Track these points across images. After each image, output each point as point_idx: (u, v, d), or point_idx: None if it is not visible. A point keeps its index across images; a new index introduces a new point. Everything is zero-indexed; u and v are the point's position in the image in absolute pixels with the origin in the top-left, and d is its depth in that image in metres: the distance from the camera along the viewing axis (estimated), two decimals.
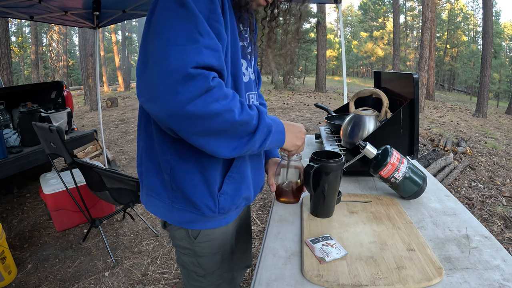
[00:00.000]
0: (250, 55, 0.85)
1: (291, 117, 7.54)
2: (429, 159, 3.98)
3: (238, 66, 0.76)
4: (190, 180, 0.76)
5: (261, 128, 0.67)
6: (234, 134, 0.64)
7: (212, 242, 0.87)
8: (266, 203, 3.03)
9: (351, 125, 1.22)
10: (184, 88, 0.55)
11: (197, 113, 0.57)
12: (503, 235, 2.53)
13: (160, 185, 0.80)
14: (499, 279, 0.64)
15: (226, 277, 0.96)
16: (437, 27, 20.30)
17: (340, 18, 3.05)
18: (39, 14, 3.22)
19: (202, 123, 0.59)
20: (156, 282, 1.95)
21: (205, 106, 0.57)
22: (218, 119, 0.60)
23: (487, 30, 10.24)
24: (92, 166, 2.10)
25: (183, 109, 0.56)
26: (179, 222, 0.83)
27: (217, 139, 0.63)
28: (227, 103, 0.60)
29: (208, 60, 0.58)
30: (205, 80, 0.57)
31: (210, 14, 0.62)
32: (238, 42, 0.74)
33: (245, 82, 0.81)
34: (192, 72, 0.56)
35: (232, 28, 0.72)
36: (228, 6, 0.71)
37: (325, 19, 14.75)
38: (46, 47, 20.95)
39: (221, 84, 0.61)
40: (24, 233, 2.52)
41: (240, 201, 0.84)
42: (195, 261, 0.89)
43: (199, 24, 0.59)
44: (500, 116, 11.57)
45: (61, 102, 3.49)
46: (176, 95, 0.56)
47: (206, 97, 0.57)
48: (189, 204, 0.78)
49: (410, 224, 0.83)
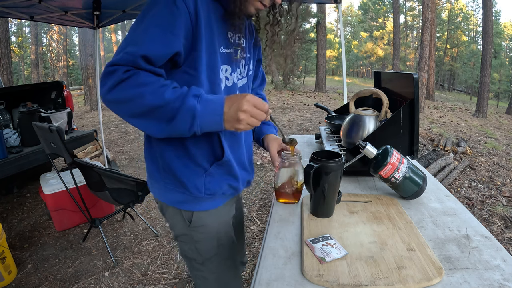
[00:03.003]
0: (243, 59, 0.91)
1: (291, 117, 7.54)
2: (429, 159, 3.98)
3: (216, 72, 0.82)
4: (179, 161, 0.86)
5: (183, 112, 0.70)
6: (154, 117, 0.72)
7: (206, 227, 0.95)
8: (266, 203, 3.03)
9: (351, 125, 1.22)
10: (105, 81, 0.71)
11: (115, 99, 0.71)
12: (503, 235, 2.53)
13: (156, 169, 0.91)
14: (499, 279, 0.64)
15: (226, 264, 1.02)
16: (437, 27, 20.30)
17: (340, 18, 3.05)
18: (39, 14, 3.22)
19: (122, 107, 0.72)
20: (156, 282, 1.95)
21: (119, 93, 0.70)
22: (132, 103, 0.70)
23: (487, 30, 10.23)
24: (92, 166, 2.10)
25: (106, 96, 0.71)
26: (171, 202, 0.92)
27: (142, 121, 0.73)
28: (141, 90, 0.69)
29: (120, 61, 0.71)
30: (117, 73, 0.69)
31: (167, 26, 0.72)
32: (216, 50, 0.81)
33: (227, 86, 0.87)
34: (110, 69, 0.70)
35: (210, 38, 0.79)
36: (205, 20, 0.77)
37: (325, 19, 14.75)
38: (46, 47, 20.94)
39: (137, 74, 0.70)
40: (24, 233, 2.52)
41: (226, 188, 0.92)
42: (193, 247, 0.97)
43: (137, 35, 0.72)
44: (500, 116, 11.57)
45: (61, 102, 3.49)
46: (102, 87, 0.71)
47: (120, 86, 0.69)
48: (179, 184, 0.88)
49: (410, 224, 0.83)
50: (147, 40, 0.71)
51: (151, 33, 0.72)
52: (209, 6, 0.78)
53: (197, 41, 0.77)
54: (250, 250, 2.27)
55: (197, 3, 0.74)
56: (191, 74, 0.79)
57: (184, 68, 0.79)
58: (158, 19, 0.72)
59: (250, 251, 2.26)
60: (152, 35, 0.71)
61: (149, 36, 0.71)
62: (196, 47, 0.77)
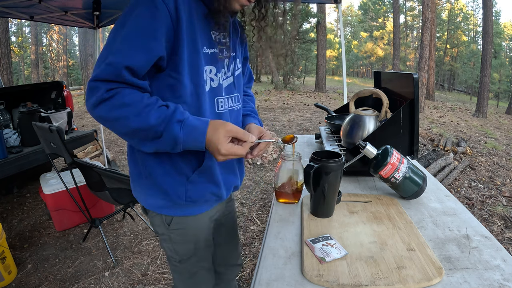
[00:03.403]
0: (227, 58, 0.88)
1: (291, 117, 7.54)
2: (429, 159, 3.98)
3: (199, 73, 0.79)
4: (161, 168, 0.84)
5: (166, 137, 0.72)
6: (138, 137, 0.73)
7: (184, 230, 0.94)
8: (266, 203, 3.03)
9: (351, 125, 1.22)
10: (88, 97, 0.70)
11: (100, 117, 0.70)
12: (503, 235, 2.53)
13: (137, 174, 0.90)
14: (499, 279, 0.64)
15: (203, 266, 1.02)
16: (437, 27, 20.29)
17: (340, 18, 3.05)
18: (39, 14, 3.22)
19: (107, 125, 0.72)
20: (156, 282, 1.95)
21: (102, 112, 0.69)
22: (116, 124, 0.71)
23: (487, 30, 10.24)
24: (92, 166, 2.10)
25: (90, 112, 0.71)
26: (152, 207, 0.91)
27: (127, 138, 0.76)
28: (125, 112, 0.69)
29: (102, 75, 0.69)
30: (99, 91, 0.68)
31: (149, 31, 0.70)
32: (199, 51, 0.78)
33: (213, 87, 0.84)
34: (92, 85, 0.69)
35: (192, 39, 0.77)
36: (186, 20, 0.74)
37: (325, 19, 14.76)
38: (46, 47, 20.94)
39: (120, 94, 0.69)
40: (24, 233, 2.52)
41: (209, 195, 0.90)
42: (171, 247, 0.97)
43: (118, 43, 0.70)
44: (500, 116, 11.57)
45: (61, 102, 3.49)
46: (87, 101, 0.71)
47: (103, 105, 0.69)
48: (161, 191, 0.87)
49: (410, 224, 0.83)
50: (129, 48, 0.69)
51: (132, 40, 0.69)
52: (191, 5, 0.76)
53: (179, 42, 0.74)
54: (250, 250, 2.27)
55: (177, 3, 0.72)
56: (174, 77, 0.77)
57: (168, 71, 0.77)
58: (139, 24, 0.70)
59: (250, 251, 2.26)
60: (134, 42, 0.69)
61: (130, 44, 0.69)
62: (177, 48, 0.75)
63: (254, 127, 0.94)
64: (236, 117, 0.95)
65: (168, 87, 0.77)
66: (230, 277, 1.25)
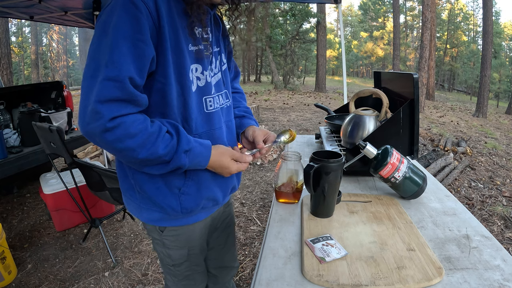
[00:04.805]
0: (211, 54, 0.85)
1: (291, 117, 7.54)
2: (429, 159, 3.98)
3: (185, 73, 0.77)
4: (152, 183, 0.82)
5: (173, 165, 0.75)
6: (143, 164, 0.74)
7: (178, 237, 0.93)
8: (266, 203, 3.03)
9: (351, 125, 1.22)
10: (89, 121, 0.65)
11: (104, 145, 0.67)
12: (503, 235, 2.53)
13: (129, 188, 0.88)
14: (499, 279, 0.64)
15: (196, 269, 1.02)
16: (437, 27, 20.29)
17: (340, 18, 3.05)
18: (39, 14, 3.22)
19: (112, 152, 0.71)
20: (156, 282, 1.95)
21: (109, 143, 0.67)
22: (122, 154, 0.71)
23: (487, 30, 10.24)
24: (92, 166, 2.10)
25: (91, 137, 0.67)
26: (148, 220, 0.90)
27: (133, 164, 0.76)
28: (131, 144, 0.68)
29: (105, 93, 0.64)
30: (102, 120, 0.64)
31: (135, 34, 0.66)
32: (183, 49, 0.75)
33: (200, 86, 0.81)
34: (92, 108, 0.63)
35: (175, 37, 0.74)
36: (167, 18, 0.72)
37: (325, 19, 14.75)
38: (46, 47, 20.95)
39: (123, 124, 0.66)
40: (24, 233, 2.52)
41: (204, 202, 0.88)
42: (164, 252, 0.96)
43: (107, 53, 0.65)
44: (500, 116, 11.58)
45: (61, 102, 3.48)
46: (86, 124, 0.65)
47: (107, 135, 0.65)
48: (154, 205, 0.85)
49: (410, 224, 0.83)
50: (121, 57, 0.65)
51: (122, 48, 0.65)
52: (170, 2, 0.73)
53: (162, 42, 0.71)
54: (250, 250, 2.27)
55: (156, 1, 0.69)
56: (161, 81, 0.74)
57: (155, 75, 0.74)
58: (124, 29, 0.65)
59: (250, 251, 2.26)
60: (125, 50, 0.65)
61: (121, 53, 0.65)
62: (161, 48, 0.71)
63: (258, 132, 0.95)
64: (228, 114, 0.93)
65: (158, 92, 0.75)
66: (226, 279, 1.24)
